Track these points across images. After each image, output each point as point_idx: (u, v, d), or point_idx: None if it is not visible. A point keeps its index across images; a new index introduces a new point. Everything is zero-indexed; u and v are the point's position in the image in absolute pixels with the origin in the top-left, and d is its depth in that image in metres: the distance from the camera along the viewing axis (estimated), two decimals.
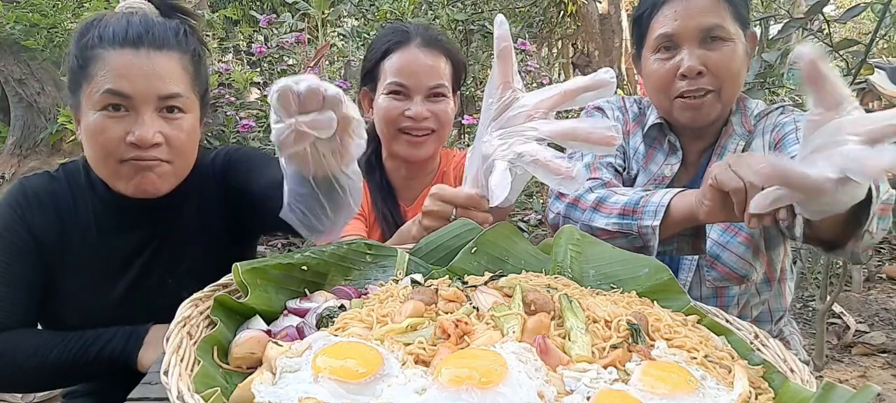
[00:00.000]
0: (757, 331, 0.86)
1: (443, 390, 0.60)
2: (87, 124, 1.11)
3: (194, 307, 0.82)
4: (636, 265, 1.01)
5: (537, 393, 0.62)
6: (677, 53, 1.32)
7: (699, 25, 1.29)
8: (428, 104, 1.49)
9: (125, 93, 1.09)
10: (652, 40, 1.36)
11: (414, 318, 0.76)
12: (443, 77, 1.50)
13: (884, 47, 7.78)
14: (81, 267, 1.22)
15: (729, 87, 1.32)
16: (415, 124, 1.48)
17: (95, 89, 1.09)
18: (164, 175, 1.15)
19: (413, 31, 1.52)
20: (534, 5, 6.88)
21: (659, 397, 0.64)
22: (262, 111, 3.34)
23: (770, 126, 1.37)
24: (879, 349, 3.19)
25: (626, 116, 1.54)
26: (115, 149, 1.11)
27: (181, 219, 1.27)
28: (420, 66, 1.48)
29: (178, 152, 1.16)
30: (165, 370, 0.67)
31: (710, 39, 1.29)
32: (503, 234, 1.06)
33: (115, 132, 1.10)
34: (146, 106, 1.10)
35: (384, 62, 1.51)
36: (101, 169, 1.15)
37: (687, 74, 1.30)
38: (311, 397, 0.61)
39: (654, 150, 1.49)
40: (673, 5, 1.32)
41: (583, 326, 0.76)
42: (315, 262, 0.95)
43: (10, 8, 4.74)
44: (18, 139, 5.41)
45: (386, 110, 1.50)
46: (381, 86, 1.51)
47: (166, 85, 1.12)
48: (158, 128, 1.11)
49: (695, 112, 1.33)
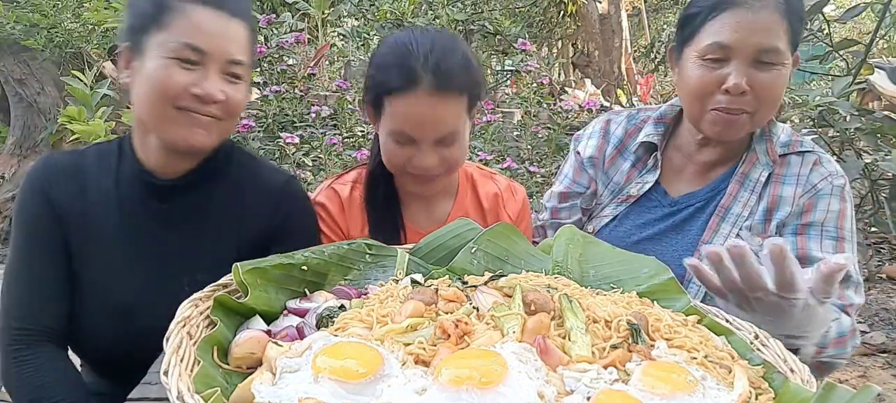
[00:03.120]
0: (757, 332, 0.86)
1: (443, 390, 0.60)
2: (152, 68, 1.14)
3: (194, 307, 0.81)
4: (636, 265, 1.01)
5: (537, 393, 0.62)
6: (726, 66, 1.25)
7: (758, 44, 1.22)
8: (438, 150, 1.26)
9: (202, 49, 1.14)
10: (703, 44, 1.27)
11: (414, 318, 0.76)
12: (457, 120, 1.26)
13: (884, 47, 7.78)
14: (102, 247, 1.23)
15: (765, 111, 1.28)
16: (423, 172, 1.28)
17: (172, 38, 1.13)
18: (213, 131, 1.19)
19: (422, 71, 1.21)
20: (534, 5, 6.88)
21: (659, 397, 0.64)
22: (261, 111, 3.34)
23: (804, 180, 1.31)
24: (879, 349, 3.19)
25: (605, 146, 1.52)
26: (177, 96, 1.14)
27: (210, 208, 1.28)
28: (428, 117, 1.23)
29: (231, 113, 1.20)
30: (165, 370, 0.67)
31: (762, 61, 1.23)
32: (503, 234, 1.06)
33: (181, 79, 1.13)
34: (215, 65, 1.16)
35: (387, 99, 1.26)
36: (154, 110, 1.16)
37: (731, 91, 1.24)
38: (311, 397, 0.61)
39: (635, 171, 1.46)
40: (736, 14, 1.24)
41: (583, 326, 0.76)
42: (315, 262, 0.96)
43: (10, 8, 4.74)
44: (18, 139, 5.41)
45: (391, 154, 1.29)
46: (384, 122, 1.28)
47: (237, 49, 1.18)
48: (221, 88, 1.16)
49: (726, 127, 1.28)
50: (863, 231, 3.16)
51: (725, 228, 1.33)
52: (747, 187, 1.34)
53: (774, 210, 1.32)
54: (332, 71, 5.76)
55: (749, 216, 1.32)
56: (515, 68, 4.28)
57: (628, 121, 1.52)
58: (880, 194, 2.59)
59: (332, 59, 5.69)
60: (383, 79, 1.26)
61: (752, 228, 1.33)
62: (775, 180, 1.34)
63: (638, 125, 1.50)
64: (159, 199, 1.25)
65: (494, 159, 3.20)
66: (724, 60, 1.25)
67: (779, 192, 1.33)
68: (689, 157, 1.43)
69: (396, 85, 1.23)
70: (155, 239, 1.25)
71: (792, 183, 1.33)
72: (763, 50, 1.22)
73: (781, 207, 1.31)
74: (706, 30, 1.27)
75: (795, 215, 1.31)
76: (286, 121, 3.32)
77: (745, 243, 0.92)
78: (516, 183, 1.53)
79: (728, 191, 1.35)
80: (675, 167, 1.45)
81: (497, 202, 1.44)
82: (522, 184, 1.95)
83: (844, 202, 1.31)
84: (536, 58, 5.86)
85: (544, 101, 3.48)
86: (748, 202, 1.33)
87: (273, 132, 3.24)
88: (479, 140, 3.24)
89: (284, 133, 3.00)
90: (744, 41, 1.22)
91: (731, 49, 1.24)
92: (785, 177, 1.34)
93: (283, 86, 3.39)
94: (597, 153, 1.52)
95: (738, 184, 1.35)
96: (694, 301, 0.93)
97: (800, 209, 1.31)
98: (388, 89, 1.24)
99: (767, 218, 1.32)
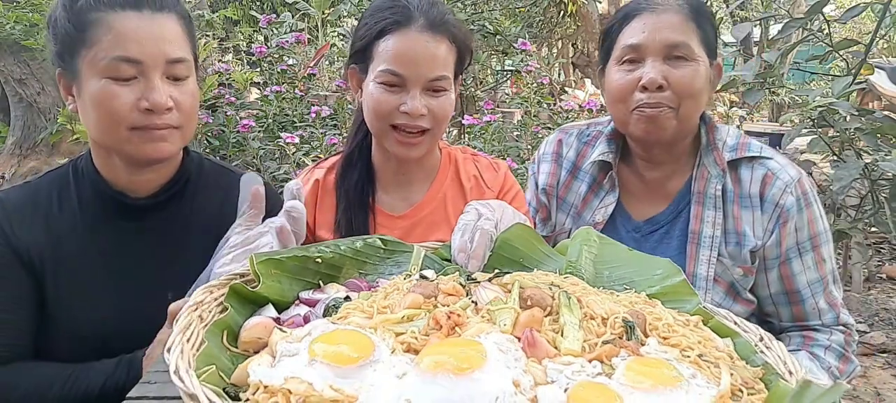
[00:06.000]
0: (762, 334, 0.86)
1: (421, 375, 0.63)
2: (92, 92, 1.06)
3: (209, 293, 0.84)
4: (650, 266, 1.01)
5: (512, 382, 0.64)
6: (641, 66, 1.32)
7: (665, 40, 1.29)
8: (426, 98, 1.27)
9: (135, 58, 1.05)
10: (618, 51, 1.36)
11: (411, 310, 0.78)
12: (445, 66, 1.29)
13: (884, 47, 7.79)
14: (75, 277, 1.16)
15: (688, 106, 1.31)
16: (409, 121, 1.27)
17: (101, 55, 1.04)
18: (176, 138, 1.13)
19: (415, 9, 1.27)
20: (534, 5, 6.88)
21: (640, 391, 0.64)
22: (262, 111, 3.34)
23: (766, 203, 1.32)
24: (879, 349, 3.19)
25: (558, 170, 1.53)
26: (127, 116, 1.06)
27: (189, 221, 1.24)
28: (420, 53, 1.25)
29: (187, 116, 1.13)
30: (169, 347, 0.69)
31: (674, 56, 1.29)
32: (520, 236, 1.06)
33: (125, 99, 1.05)
34: (155, 70, 1.07)
35: (379, 43, 1.28)
36: (109, 135, 1.10)
37: (648, 86, 1.29)
38: (295, 377, 0.63)
39: (592, 194, 1.48)
40: (642, 18, 1.32)
41: (577, 322, 0.77)
42: (330, 255, 0.97)
43: (10, 8, 4.75)
44: (18, 139, 5.41)
45: (377, 102, 1.28)
46: (373, 71, 1.29)
47: (173, 48, 1.09)
48: (169, 93, 1.08)
49: (650, 124, 1.31)
50: (863, 231, 3.16)
51: (704, 253, 1.35)
52: (708, 205, 1.35)
53: (743, 235, 1.34)
54: (332, 71, 5.76)
55: (722, 234, 1.35)
56: (515, 68, 4.28)
57: (579, 140, 1.54)
58: (880, 194, 2.58)
59: (332, 59, 5.69)
60: (376, 22, 1.29)
61: (733, 256, 1.34)
62: (734, 199, 1.35)
63: (589, 142, 1.52)
64: (134, 218, 1.19)
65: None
66: (638, 61, 1.32)
67: (740, 214, 1.35)
68: (641, 177, 1.45)
69: (390, 24, 1.27)
70: (133, 259, 1.19)
71: (748, 206, 1.35)
72: (671, 45, 1.29)
73: (748, 235, 1.34)
74: (620, 39, 1.36)
75: (773, 247, 1.33)
76: (286, 121, 3.32)
77: None
78: (499, 160, 1.52)
79: (693, 214, 1.36)
80: (632, 189, 1.47)
81: (478, 183, 1.44)
82: (523, 184, 1.95)
83: (809, 205, 1.33)
84: (536, 58, 5.86)
85: (544, 101, 3.47)
86: (715, 220, 1.35)
87: (273, 132, 3.24)
88: (478, 140, 3.24)
89: (284, 133, 3.00)
90: (652, 38, 1.30)
91: (642, 48, 1.31)
92: (741, 197, 1.36)
93: (284, 87, 3.39)
94: (551, 180, 1.54)
95: (700, 205, 1.36)
96: (704, 303, 0.93)
97: (775, 240, 1.33)
98: (382, 30, 1.28)
99: (738, 242, 1.34)
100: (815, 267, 1.34)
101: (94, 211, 1.18)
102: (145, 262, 1.19)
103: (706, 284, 1.33)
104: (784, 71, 2.94)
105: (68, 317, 1.16)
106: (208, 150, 3.12)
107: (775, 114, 8.67)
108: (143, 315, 1.10)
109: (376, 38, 1.28)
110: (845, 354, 1.33)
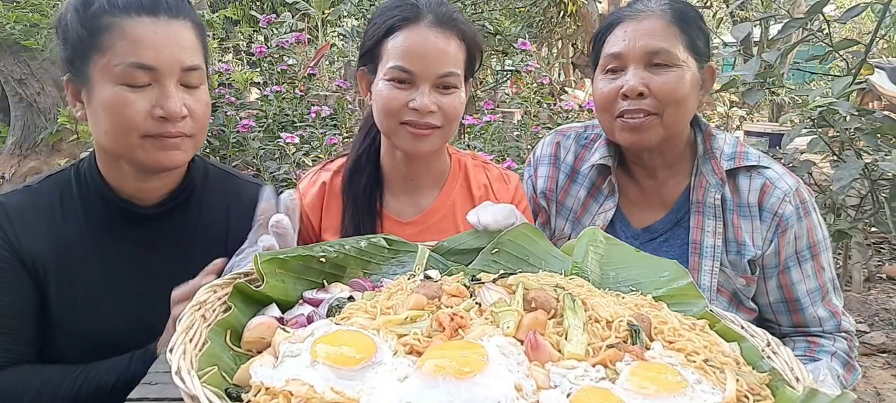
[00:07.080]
0: (770, 339, 0.85)
1: (422, 378, 0.63)
2: (104, 99, 1.04)
3: (213, 292, 0.84)
4: (657, 268, 1.01)
5: (515, 386, 0.64)
6: (623, 74, 1.31)
7: (646, 47, 1.28)
8: (436, 95, 1.26)
9: (151, 65, 1.03)
10: (602, 60, 1.36)
11: (414, 311, 0.77)
12: (455, 63, 1.28)
13: (884, 47, 7.79)
14: (80, 283, 1.14)
15: (672, 112, 1.30)
16: (418, 118, 1.26)
17: (115, 62, 1.02)
18: (188, 146, 1.11)
19: (424, 7, 1.28)
20: (534, 5, 6.88)
21: (644, 396, 0.64)
22: (262, 111, 3.34)
23: (765, 214, 1.32)
24: (879, 349, 3.19)
25: (556, 174, 1.52)
26: (140, 124, 1.04)
27: (196, 229, 1.23)
28: (429, 49, 1.25)
29: (200, 125, 1.11)
30: (172, 347, 0.68)
31: (654, 63, 1.29)
32: (524, 235, 1.05)
33: (139, 106, 1.03)
34: (170, 78, 1.05)
35: (387, 41, 1.27)
36: (120, 142, 1.07)
37: (628, 94, 1.29)
38: (297, 379, 0.63)
39: (591, 199, 1.47)
40: (624, 26, 1.32)
41: (581, 325, 0.76)
42: (334, 255, 0.97)
43: (10, 8, 4.75)
44: (18, 139, 5.41)
45: (387, 100, 1.26)
46: (382, 69, 1.28)
47: (188, 56, 1.07)
48: (183, 101, 1.07)
49: (634, 133, 1.31)
50: (863, 231, 3.16)
51: (707, 263, 1.35)
52: (708, 214, 1.35)
53: (742, 244, 1.34)
54: (332, 71, 5.76)
55: (723, 243, 1.34)
56: (515, 68, 4.28)
57: (577, 143, 1.53)
58: (880, 194, 2.58)
59: (332, 59, 5.69)
60: (384, 21, 1.29)
61: (734, 266, 1.34)
62: (733, 208, 1.35)
63: (587, 145, 1.51)
64: (141, 227, 1.18)
65: (494, 159, 3.20)
66: (620, 70, 1.33)
67: (740, 224, 1.35)
68: (638, 183, 1.45)
69: (398, 21, 1.27)
70: (139, 267, 1.18)
71: (747, 215, 1.34)
72: (651, 51, 1.29)
73: (748, 244, 1.33)
74: (604, 48, 1.36)
75: (772, 256, 1.33)
76: (286, 121, 3.32)
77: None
78: (510, 172, 1.50)
79: (693, 224, 1.36)
80: (630, 196, 1.46)
81: (488, 193, 1.42)
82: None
83: (808, 214, 1.33)
84: (536, 58, 5.86)
85: (544, 101, 3.47)
86: (716, 230, 1.35)
87: (273, 132, 3.24)
88: (478, 140, 3.24)
89: (284, 133, 2.99)
90: (632, 46, 1.30)
91: (623, 56, 1.32)
92: (740, 207, 1.35)
93: (284, 87, 3.38)
94: (549, 184, 1.53)
95: (700, 214, 1.36)
96: (710, 306, 0.93)
97: (774, 250, 1.32)
98: (390, 28, 1.28)
99: (738, 251, 1.34)
100: (815, 275, 1.34)
101: (99, 218, 1.16)
102: (151, 270, 1.18)
103: (710, 294, 1.33)
104: (784, 71, 2.94)
105: (73, 324, 1.15)
106: (208, 151, 3.12)
107: (775, 114, 8.66)
108: (148, 323, 1.09)
109: (385, 37, 1.28)
110: (850, 362, 1.33)
